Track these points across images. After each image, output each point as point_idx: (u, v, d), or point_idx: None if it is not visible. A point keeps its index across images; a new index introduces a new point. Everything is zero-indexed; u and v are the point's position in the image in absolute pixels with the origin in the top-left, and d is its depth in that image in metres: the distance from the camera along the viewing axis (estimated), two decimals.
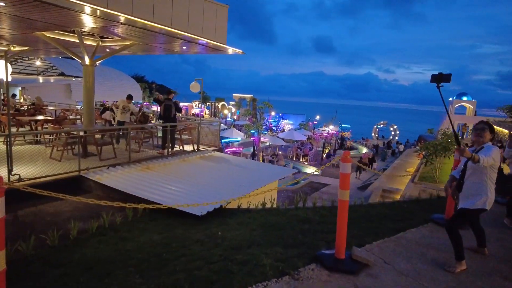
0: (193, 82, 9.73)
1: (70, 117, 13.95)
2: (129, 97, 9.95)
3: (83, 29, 8.38)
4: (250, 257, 3.43)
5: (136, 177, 6.69)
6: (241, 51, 10.50)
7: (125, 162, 7.65)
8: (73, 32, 9.07)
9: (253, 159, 22.89)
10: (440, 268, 3.33)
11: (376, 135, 49.87)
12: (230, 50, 10.24)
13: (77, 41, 9.11)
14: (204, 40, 8.99)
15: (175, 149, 9.62)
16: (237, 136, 26.97)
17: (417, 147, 28.41)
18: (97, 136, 8.91)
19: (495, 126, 23.53)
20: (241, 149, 26.61)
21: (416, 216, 5.25)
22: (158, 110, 11.13)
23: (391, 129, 50.17)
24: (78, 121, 12.74)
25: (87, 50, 9.73)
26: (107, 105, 14.38)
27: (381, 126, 51.43)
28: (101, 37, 10.52)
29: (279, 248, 3.73)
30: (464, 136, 29.57)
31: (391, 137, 48.68)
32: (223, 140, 27.63)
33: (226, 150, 25.58)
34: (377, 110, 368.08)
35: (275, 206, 6.06)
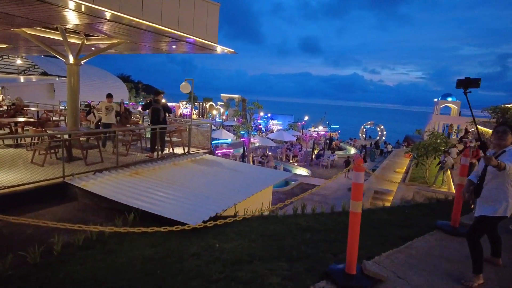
0: (184, 83, 9.37)
1: (54, 118, 13.36)
2: (109, 96, 9.48)
3: (67, 26, 7.93)
4: (254, 274, 3.15)
5: (125, 183, 6.32)
6: (233, 50, 10.21)
7: (112, 166, 7.26)
8: (56, 29, 8.60)
9: (243, 160, 22.61)
10: (456, 282, 3.13)
11: (364, 136, 50.26)
12: (220, 49, 9.94)
13: (61, 39, 8.64)
14: (194, 39, 8.67)
15: (165, 152, 9.26)
16: (227, 137, 26.63)
17: (408, 148, 28.70)
18: (83, 139, 8.48)
19: (480, 127, 23.95)
20: (231, 150, 26.27)
21: (419, 222, 5.09)
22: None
23: (378, 129, 50.65)
24: (62, 123, 12.19)
25: (71, 49, 9.26)
26: (93, 106, 13.85)
27: (368, 126, 51.85)
28: (86, 35, 10.06)
29: (284, 263, 3.47)
30: (450, 137, 30.01)
31: (378, 137, 49.15)
32: (213, 142, 27.26)
33: (216, 151, 25.21)
34: (363, 111, 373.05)
35: (272, 212, 5.81)
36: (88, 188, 5.81)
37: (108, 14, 6.16)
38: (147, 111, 9.10)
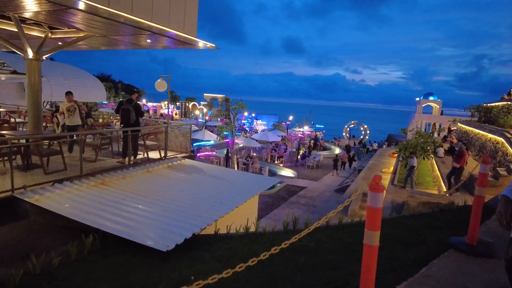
0: (159, 80, 8.51)
1: (17, 119, 12.18)
2: (68, 94, 8.46)
3: (21, 15, 6.93)
4: None
5: (88, 195, 5.43)
6: (214, 45, 9.41)
7: (75, 176, 6.34)
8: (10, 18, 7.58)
9: (227, 162, 21.78)
10: None
11: (347, 135, 50.29)
12: (202, 44, 9.13)
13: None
14: (171, 32, 7.83)
15: (139, 156, 8.37)
16: (210, 138, 25.71)
17: (395, 147, 28.57)
18: (45, 143, 7.50)
19: (463, 126, 24.00)
20: (214, 152, 25.36)
21: (428, 238, 4.45)
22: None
23: (362, 128, 50.81)
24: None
25: (32, 42, 8.24)
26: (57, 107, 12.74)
27: (352, 125, 51.97)
28: (51, 28, 9.03)
29: None
30: (434, 135, 30.10)
31: (361, 137, 49.29)
32: (194, 144, 26.27)
33: (198, 154, 24.25)
34: (346, 110, 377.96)
35: (257, 224, 5.06)
36: (42, 203, 4.90)
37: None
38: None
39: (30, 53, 7.99)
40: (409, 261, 3.65)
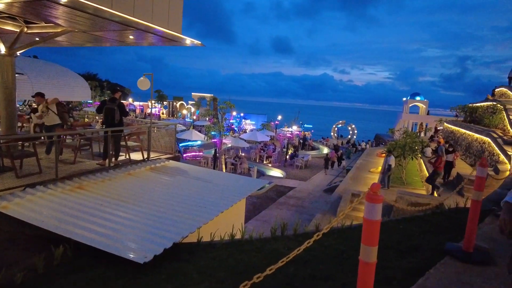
0: (142, 78, 8.13)
1: None
2: (38, 95, 7.98)
3: None
4: None
5: (62, 201, 5.06)
6: (200, 42, 9.09)
7: (50, 179, 5.94)
8: None
9: (214, 162, 21.43)
10: None
11: (335, 135, 50.50)
12: (188, 41, 8.80)
13: None
14: (155, 28, 7.49)
15: (121, 158, 7.99)
16: (197, 138, 25.30)
17: (384, 147, 28.72)
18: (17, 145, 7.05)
19: (449, 125, 24.26)
20: (201, 153, 24.93)
21: (421, 243, 4.27)
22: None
23: (349, 128, 51.09)
24: None
25: (5, 37, 7.78)
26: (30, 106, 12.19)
27: (340, 125, 52.22)
28: (27, 22, 8.55)
29: None
30: (421, 135, 30.40)
31: (349, 136, 49.56)
32: (181, 144, 25.78)
33: (184, 155, 23.81)
34: (334, 110, 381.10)
35: (243, 231, 4.79)
36: (8, 211, 4.51)
37: None
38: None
39: (3, 49, 7.54)
40: (404, 270, 3.44)
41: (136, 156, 8.24)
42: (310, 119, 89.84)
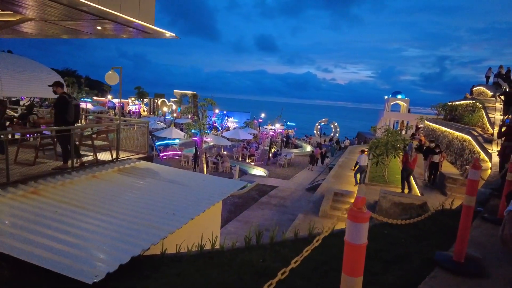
0: (110, 72, 7.52)
1: None
2: None
3: None
4: None
5: (9, 209, 4.45)
6: (174, 34, 8.54)
7: (1, 183, 5.29)
8: None
9: (195, 161, 20.82)
10: None
11: (318, 133, 50.61)
12: (161, 32, 8.24)
13: None
14: (122, 17, 6.89)
15: (87, 158, 7.38)
16: (178, 136, 24.58)
17: (365, 145, 28.82)
18: None
19: (430, 123, 24.51)
20: (179, 152, 24.22)
21: (409, 251, 3.93)
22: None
23: (332, 126, 51.28)
24: None
25: None
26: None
27: (323, 123, 52.40)
28: None
29: None
30: (402, 132, 30.68)
31: (332, 134, 49.77)
32: (158, 143, 24.96)
33: (162, 154, 23.06)
34: (317, 108, 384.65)
35: (217, 243, 4.33)
36: None
37: None
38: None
39: None
40: (391, 286, 3.07)
41: (104, 156, 7.63)
42: (294, 117, 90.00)
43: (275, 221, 13.43)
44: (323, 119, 53.22)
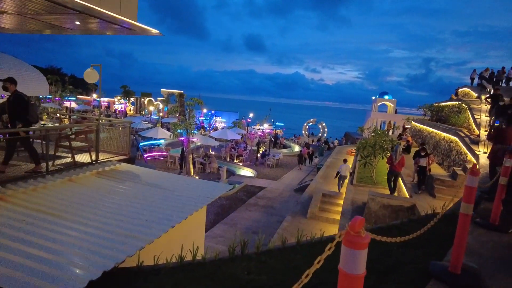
0: (89, 69, 7.12)
1: None
2: None
3: None
4: None
5: None
6: (158, 31, 8.21)
7: None
8: None
9: (181, 162, 20.41)
10: None
11: (306, 133, 50.70)
12: (145, 29, 7.89)
13: None
14: (102, 12, 6.53)
15: (65, 160, 6.99)
16: (164, 136, 24.08)
17: (353, 145, 28.92)
18: None
19: (416, 124, 24.73)
20: (165, 153, 23.70)
21: (401, 261, 3.74)
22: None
23: (320, 126, 51.44)
24: None
25: None
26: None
27: (311, 123, 52.53)
28: None
29: None
30: (389, 133, 30.90)
31: (320, 134, 49.92)
32: (142, 143, 24.41)
33: (146, 155, 22.54)
34: (305, 108, 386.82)
35: (201, 252, 4.05)
36: None
37: None
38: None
39: None
40: None
41: (83, 158, 7.24)
42: (282, 117, 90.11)
43: (262, 223, 13.21)
44: (311, 119, 53.37)
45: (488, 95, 12.52)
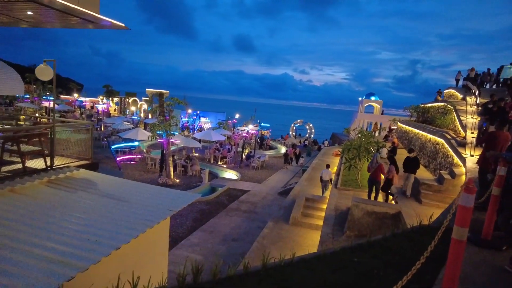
0: (42, 65, 6.37)
1: None
2: None
3: None
4: None
5: None
6: (123, 25, 7.50)
7: None
8: None
9: (161, 165, 19.61)
10: None
11: (294, 134, 50.37)
12: (106, 21, 7.16)
13: None
14: (53, 0, 5.80)
15: (15, 166, 6.23)
16: (144, 137, 23.20)
17: (339, 146, 28.60)
18: None
19: (403, 125, 24.53)
20: (139, 156, 22.73)
21: (384, 286, 3.19)
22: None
23: (307, 127, 51.19)
24: None
25: None
26: None
27: (298, 124, 52.27)
28: None
29: None
30: (375, 134, 30.72)
31: (307, 135, 49.66)
32: (114, 146, 23.41)
33: (119, 158, 21.60)
34: (293, 109, 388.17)
35: (160, 279, 3.39)
36: None
37: None
38: None
39: None
40: None
41: (37, 164, 6.50)
42: (270, 118, 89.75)
43: (243, 229, 12.60)
44: (298, 120, 53.11)
45: (483, 109, 10.87)
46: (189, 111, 42.29)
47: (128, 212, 4.72)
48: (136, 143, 24.57)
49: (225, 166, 24.97)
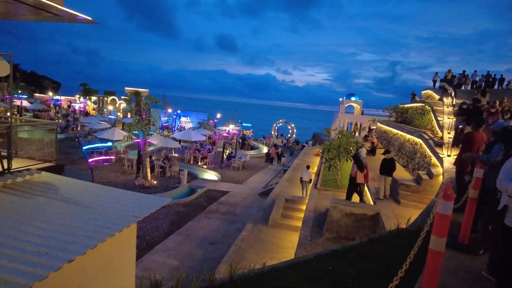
0: None
1: None
2: None
3: None
4: None
5: None
6: (90, 18, 7.05)
7: None
8: None
9: (138, 166, 19.01)
10: None
11: (276, 134, 50.42)
12: (73, 15, 6.70)
13: None
14: None
15: None
16: (120, 137, 22.48)
17: (320, 146, 28.69)
18: None
19: (382, 125, 24.85)
20: (112, 157, 22.01)
21: None
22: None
23: (289, 127, 51.35)
24: None
25: None
26: None
27: (280, 124, 52.39)
28: None
29: None
30: (356, 134, 31.03)
31: (289, 135, 49.80)
32: (85, 147, 22.59)
33: (92, 159, 20.84)
34: (276, 109, 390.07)
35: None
36: None
37: None
38: None
39: None
40: None
41: None
42: (252, 118, 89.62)
43: (222, 232, 12.28)
44: (281, 120, 53.23)
45: (461, 113, 10.66)
46: (169, 110, 41.52)
47: (88, 219, 4.35)
48: (109, 144, 23.73)
49: (205, 166, 24.54)
